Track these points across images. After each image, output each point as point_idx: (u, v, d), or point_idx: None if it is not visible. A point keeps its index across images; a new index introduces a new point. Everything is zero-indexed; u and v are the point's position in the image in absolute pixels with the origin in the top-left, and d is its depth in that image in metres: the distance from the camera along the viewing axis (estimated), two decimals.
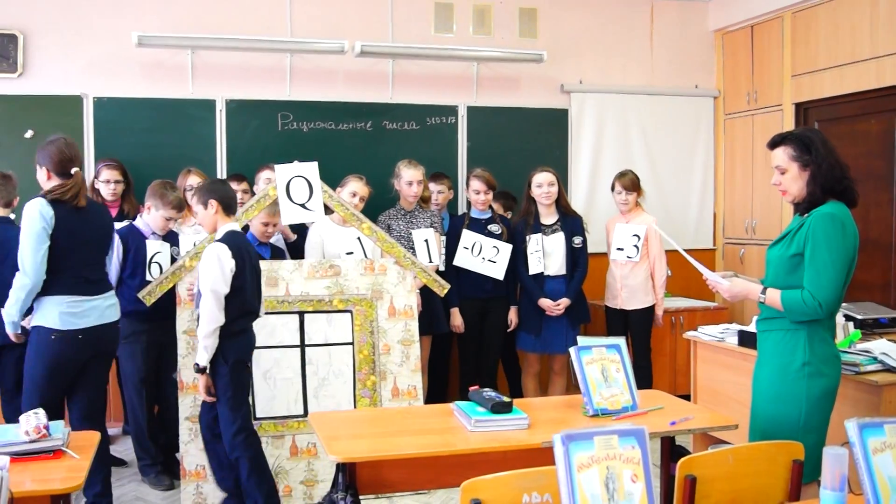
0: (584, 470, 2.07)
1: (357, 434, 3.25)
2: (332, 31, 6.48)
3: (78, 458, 2.95)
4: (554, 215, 5.69)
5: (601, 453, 2.10)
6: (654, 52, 7.33)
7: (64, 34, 6.10)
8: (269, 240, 5.18)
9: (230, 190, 4.34)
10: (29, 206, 3.97)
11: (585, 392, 3.40)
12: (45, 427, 2.99)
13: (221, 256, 4.00)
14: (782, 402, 3.23)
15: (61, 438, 3.02)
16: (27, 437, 2.96)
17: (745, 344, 4.40)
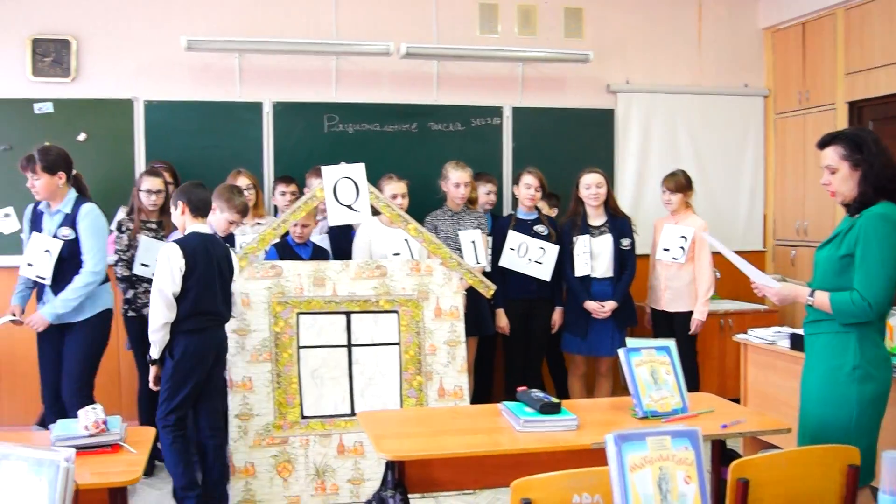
0: (636, 470, 2.05)
1: (405, 433, 3.26)
2: (378, 33, 6.49)
3: (135, 452, 3.01)
4: (602, 216, 5.66)
5: (654, 454, 2.08)
6: (703, 50, 7.25)
7: (115, 39, 6.19)
8: (304, 241, 5.19)
9: (202, 193, 4.45)
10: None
11: (635, 394, 3.38)
12: (104, 422, 3.06)
13: (171, 256, 4.18)
14: (832, 405, 3.18)
15: (119, 433, 3.08)
16: (86, 432, 3.02)
17: (797, 347, 4.35)
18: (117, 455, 3.00)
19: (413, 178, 5.62)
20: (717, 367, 6.53)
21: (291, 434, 4.57)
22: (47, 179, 4.66)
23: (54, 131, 5.98)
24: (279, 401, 4.58)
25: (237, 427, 4.52)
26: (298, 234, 5.07)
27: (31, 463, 2.13)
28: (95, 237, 4.72)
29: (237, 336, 4.59)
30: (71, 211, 4.75)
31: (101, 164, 5.97)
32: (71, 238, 4.70)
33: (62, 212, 4.76)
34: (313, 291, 4.71)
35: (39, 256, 4.70)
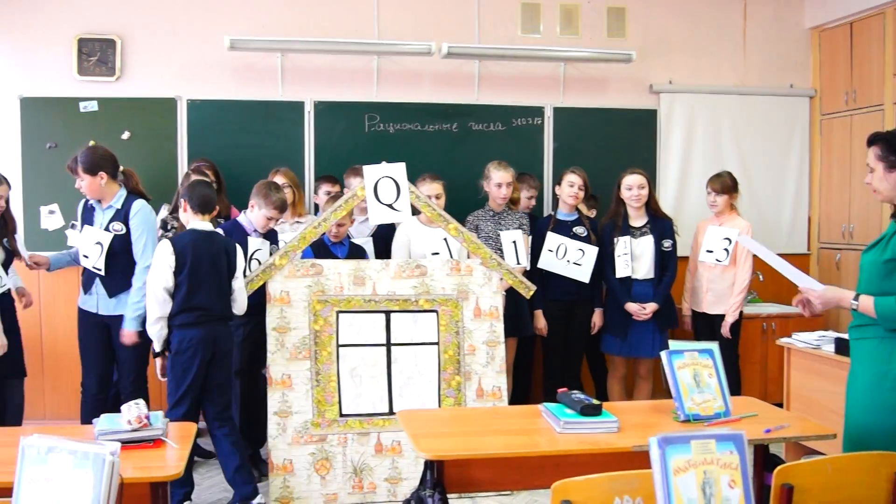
0: (680, 474, 2.02)
1: (445, 433, 3.25)
2: (419, 32, 6.51)
3: (177, 447, 3.03)
4: (643, 217, 5.61)
5: (698, 458, 2.05)
6: (748, 50, 7.17)
7: (159, 39, 6.27)
8: (339, 239, 5.17)
9: (204, 191, 4.56)
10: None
11: (677, 397, 3.34)
12: (147, 417, 3.09)
13: (162, 252, 4.36)
14: (878, 412, 3.11)
15: (161, 428, 3.11)
16: (129, 427, 3.05)
17: (843, 352, 4.28)
18: (159, 450, 3.02)
19: (453, 178, 5.62)
20: (760, 372, 6.45)
21: (330, 432, 4.58)
22: (90, 180, 4.76)
23: (99, 130, 6.07)
24: (318, 399, 4.59)
25: (276, 424, 4.54)
26: (334, 233, 5.07)
27: (77, 456, 2.16)
28: (147, 234, 4.81)
29: (277, 334, 4.61)
30: (122, 206, 4.85)
31: (144, 163, 5.98)
32: (122, 233, 4.80)
33: (113, 207, 4.86)
34: (353, 290, 4.72)
35: (92, 249, 4.81)
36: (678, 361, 3.40)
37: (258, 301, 4.69)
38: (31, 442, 2.19)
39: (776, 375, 6.27)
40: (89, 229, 4.87)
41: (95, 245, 4.80)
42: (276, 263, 4.66)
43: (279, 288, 4.65)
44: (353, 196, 4.80)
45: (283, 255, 4.65)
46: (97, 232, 4.82)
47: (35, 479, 2.18)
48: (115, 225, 4.80)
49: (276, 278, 4.66)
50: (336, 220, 4.86)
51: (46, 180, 5.97)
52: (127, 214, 4.82)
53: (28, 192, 6.01)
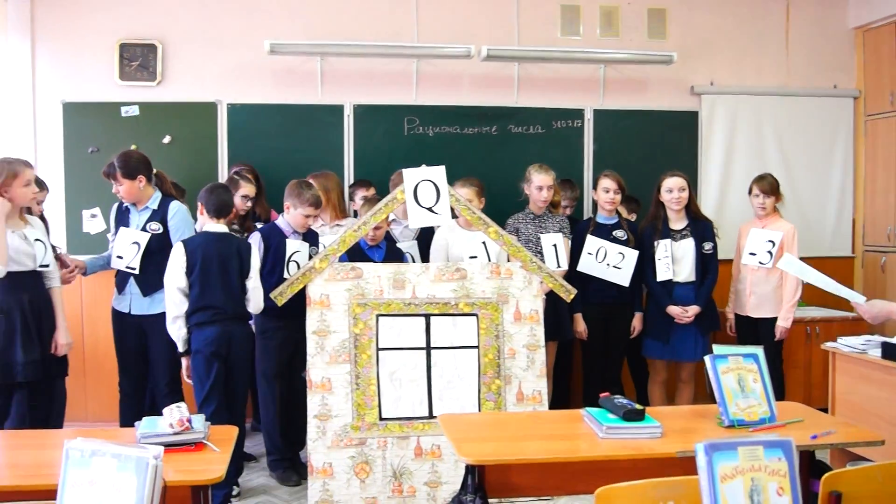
0: (727, 481, 1.99)
1: (486, 437, 3.22)
2: (459, 35, 6.49)
3: (218, 451, 3.03)
4: (683, 220, 5.56)
5: (746, 464, 2.02)
6: (790, 51, 7.08)
7: (200, 44, 6.31)
8: (376, 243, 5.16)
9: (220, 195, 4.76)
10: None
11: (721, 402, 3.29)
12: (188, 420, 3.09)
13: (175, 254, 4.61)
14: None
15: (202, 431, 3.11)
16: (171, 430, 3.05)
17: (890, 356, 4.20)
18: (201, 453, 3.02)
19: (493, 181, 5.60)
20: (803, 376, 6.36)
21: (369, 435, 4.57)
22: (129, 184, 4.90)
23: (140, 134, 6.14)
24: (358, 402, 4.59)
25: (316, 428, 4.54)
26: (372, 236, 5.07)
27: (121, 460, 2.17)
28: (188, 235, 4.91)
29: (317, 337, 4.61)
30: (158, 207, 4.98)
31: (184, 166, 6.07)
32: (159, 232, 4.93)
33: (149, 208, 4.99)
34: (393, 293, 4.71)
35: (127, 249, 4.93)
36: (722, 366, 3.35)
37: (295, 303, 4.69)
38: (74, 445, 2.20)
39: (820, 380, 6.18)
40: (125, 230, 4.98)
41: (132, 245, 4.92)
42: (315, 266, 4.66)
43: (319, 291, 4.65)
44: (392, 199, 4.79)
45: (322, 259, 4.66)
46: (134, 232, 4.94)
47: (79, 483, 2.19)
48: (153, 225, 4.94)
49: (315, 281, 4.66)
50: (375, 223, 4.85)
51: (88, 184, 6.02)
52: (164, 215, 4.96)
53: (70, 196, 6.09)
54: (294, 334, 4.97)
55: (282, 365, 5.09)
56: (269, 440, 5.19)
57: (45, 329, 4.57)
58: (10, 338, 4.38)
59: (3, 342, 4.36)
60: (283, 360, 5.09)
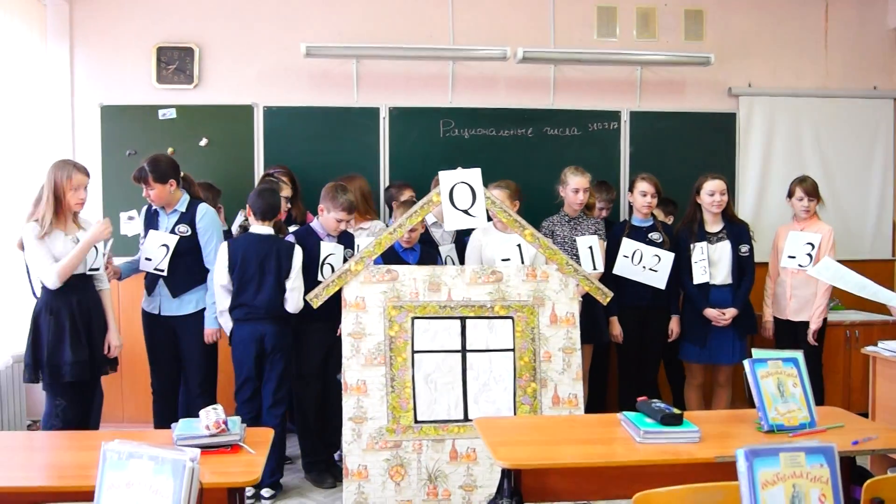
0: (768, 487, 1.96)
1: (522, 441, 3.21)
2: (494, 37, 6.49)
3: (254, 453, 3.03)
4: (720, 223, 5.52)
5: (787, 471, 1.99)
6: (829, 52, 7.01)
7: (236, 47, 6.36)
8: (411, 245, 5.17)
9: (267, 199, 4.97)
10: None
11: (760, 406, 3.25)
12: (224, 422, 3.10)
13: (220, 253, 4.90)
14: None
15: (238, 434, 3.12)
16: (208, 432, 3.07)
17: None
18: (237, 455, 3.03)
19: (528, 184, 5.59)
20: (843, 381, 6.29)
21: (405, 438, 4.57)
22: (160, 188, 4.96)
23: (177, 137, 6.20)
24: (393, 405, 4.58)
25: (351, 430, 4.54)
26: (406, 238, 5.07)
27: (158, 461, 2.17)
28: (217, 236, 5.03)
29: (352, 339, 4.61)
30: (186, 210, 5.04)
31: (221, 169, 6.11)
32: (188, 234, 5.00)
33: (178, 211, 5.05)
34: (428, 296, 4.70)
35: (156, 251, 5.01)
36: (762, 370, 3.31)
37: (329, 306, 4.70)
38: (112, 447, 2.21)
39: (860, 384, 6.12)
40: (154, 233, 5.04)
41: (160, 248, 4.99)
42: (351, 269, 4.66)
43: (355, 293, 4.66)
44: (428, 202, 4.79)
45: (358, 261, 4.66)
46: (162, 235, 5.01)
47: (116, 485, 2.20)
48: (181, 227, 5.00)
49: (351, 284, 4.66)
50: (411, 225, 4.85)
51: (126, 187, 5.99)
52: (193, 217, 5.02)
53: (108, 199, 6.14)
54: (328, 336, 5.02)
55: (316, 366, 5.11)
56: (304, 442, 5.22)
57: (95, 331, 4.63)
58: (59, 338, 4.44)
59: (51, 342, 4.42)
60: (318, 361, 5.11)
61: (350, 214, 5.09)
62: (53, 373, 4.43)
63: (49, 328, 4.43)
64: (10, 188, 5.56)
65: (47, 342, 4.42)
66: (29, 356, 4.45)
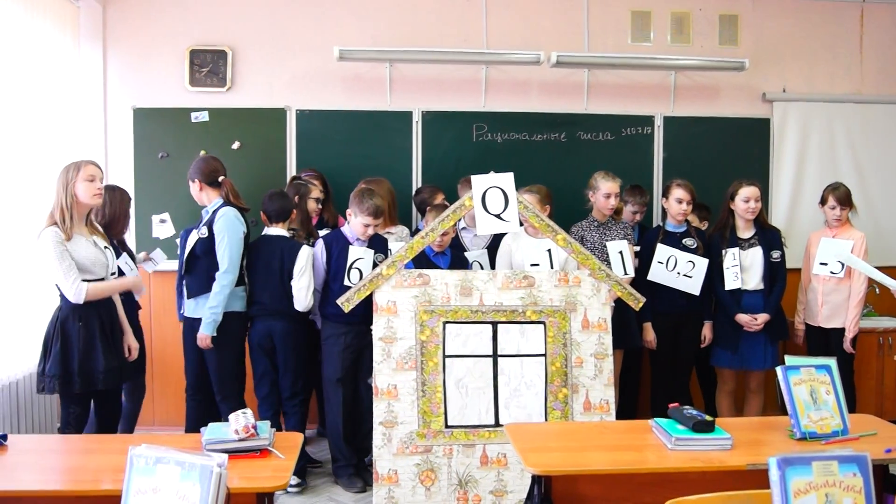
0: (801, 496, 1.95)
1: (553, 447, 3.21)
2: (528, 42, 6.50)
3: (283, 458, 3.03)
4: (752, 229, 5.50)
5: (819, 479, 1.98)
6: (864, 57, 6.94)
7: (269, 50, 6.39)
8: (442, 249, 5.18)
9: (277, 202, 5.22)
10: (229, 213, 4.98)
11: (793, 414, 3.23)
12: (254, 426, 3.11)
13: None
14: None
15: (268, 438, 3.12)
16: (237, 436, 3.07)
17: None
18: (266, 460, 3.03)
19: (561, 188, 5.57)
20: (875, 388, 6.24)
21: (435, 443, 4.57)
22: (190, 187, 5.08)
23: (210, 140, 6.24)
24: (424, 409, 4.59)
25: (381, 434, 4.54)
26: (438, 242, 5.08)
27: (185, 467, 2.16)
28: (227, 239, 4.96)
29: (383, 344, 4.62)
30: (211, 213, 5.03)
31: (254, 172, 6.14)
32: (205, 237, 4.98)
33: (207, 212, 5.07)
34: (460, 301, 4.70)
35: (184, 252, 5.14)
36: (794, 377, 3.29)
37: (358, 310, 4.71)
38: (139, 452, 2.21)
39: (893, 391, 6.08)
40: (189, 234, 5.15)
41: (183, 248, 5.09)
42: (383, 273, 4.67)
43: (386, 298, 4.66)
44: (460, 206, 4.79)
45: (390, 265, 4.67)
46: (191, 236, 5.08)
47: (143, 490, 2.19)
48: (202, 230, 5.00)
49: (383, 288, 4.67)
50: (443, 229, 4.86)
51: (158, 189, 6.14)
52: (212, 220, 4.99)
53: (140, 202, 6.14)
54: (357, 340, 5.05)
55: (346, 370, 5.13)
56: (334, 446, 5.24)
57: (118, 336, 4.59)
58: (91, 345, 4.35)
59: (83, 351, 4.32)
60: (348, 365, 5.14)
61: (377, 219, 5.10)
62: (87, 382, 4.33)
63: (79, 336, 4.31)
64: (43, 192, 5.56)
65: (79, 350, 4.31)
66: (57, 365, 4.28)
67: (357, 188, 5.21)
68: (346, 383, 5.16)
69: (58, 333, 4.31)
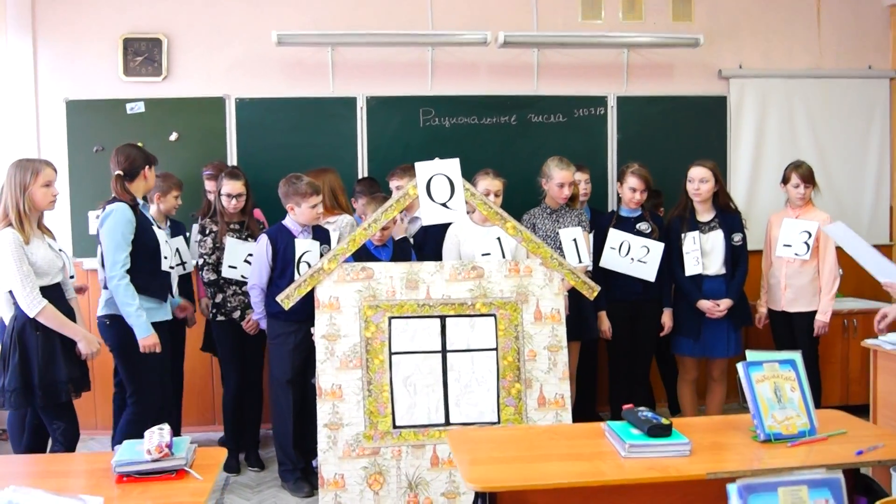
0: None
1: (499, 458, 2.96)
2: (475, 22, 6.30)
3: (201, 479, 2.77)
4: (711, 212, 5.30)
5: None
6: (822, 31, 6.78)
7: (206, 36, 6.16)
8: (383, 242, 4.96)
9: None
10: None
11: (756, 414, 3.01)
12: (168, 445, 2.83)
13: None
14: None
15: (184, 458, 2.85)
16: (149, 457, 2.80)
17: None
18: (182, 482, 2.77)
19: (513, 174, 5.35)
20: (840, 373, 6.13)
21: (383, 445, 4.36)
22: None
23: (146, 131, 6.00)
24: (370, 410, 4.37)
25: (326, 437, 4.33)
26: (378, 236, 4.84)
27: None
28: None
29: (326, 342, 4.39)
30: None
31: (193, 164, 5.89)
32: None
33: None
34: (406, 294, 4.48)
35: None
36: (757, 374, 3.08)
37: (306, 306, 4.49)
38: (5, 497, 1.93)
39: (858, 375, 5.95)
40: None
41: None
42: (324, 268, 4.44)
43: (328, 293, 4.44)
44: (404, 195, 4.55)
45: (331, 259, 4.43)
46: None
47: None
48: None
49: (324, 283, 4.44)
50: (386, 220, 4.61)
51: (94, 184, 5.85)
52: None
53: (75, 197, 5.93)
54: (307, 339, 4.78)
55: (295, 371, 4.89)
56: (280, 450, 5.02)
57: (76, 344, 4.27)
58: (51, 356, 4.08)
59: (43, 361, 4.05)
60: (297, 365, 4.90)
61: (319, 195, 4.87)
62: (49, 394, 4.05)
63: (38, 346, 4.04)
64: None
65: (38, 361, 4.03)
66: (16, 379, 4.00)
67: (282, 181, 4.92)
68: (295, 384, 4.92)
69: (15, 345, 4.04)
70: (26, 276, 3.97)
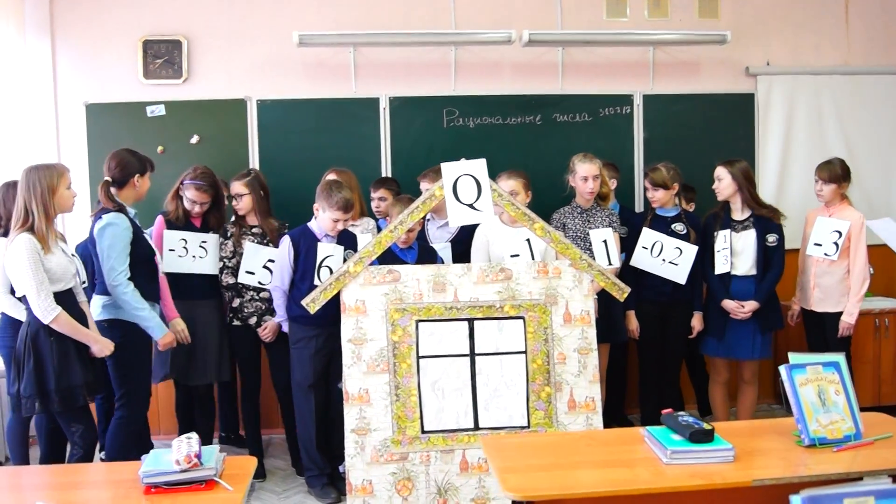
0: None
1: (535, 465, 2.89)
2: (498, 20, 6.24)
3: (231, 490, 2.71)
4: (746, 211, 5.18)
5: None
6: (851, 27, 6.68)
7: (227, 38, 6.12)
8: (408, 245, 4.88)
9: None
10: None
11: (800, 418, 2.93)
12: (197, 455, 2.76)
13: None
14: None
15: (214, 468, 2.79)
16: (178, 467, 2.74)
17: None
18: (211, 493, 2.71)
19: (537, 173, 5.30)
20: (872, 372, 6.03)
21: (411, 450, 4.29)
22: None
23: (167, 134, 5.98)
24: (398, 415, 4.30)
25: (354, 443, 4.26)
26: (403, 238, 4.76)
27: None
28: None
29: (353, 346, 4.32)
30: None
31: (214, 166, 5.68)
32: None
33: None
34: (433, 297, 4.41)
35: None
36: (800, 377, 2.99)
37: (329, 311, 4.41)
38: None
39: (891, 376, 5.84)
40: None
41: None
42: (350, 271, 4.37)
43: (354, 297, 4.37)
44: (430, 197, 4.48)
45: (357, 262, 4.37)
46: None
47: None
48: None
49: (350, 287, 4.38)
50: (412, 222, 4.54)
51: None
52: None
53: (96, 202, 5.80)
54: (329, 343, 4.72)
55: (317, 375, 4.83)
56: (306, 455, 4.95)
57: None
58: (67, 360, 4.03)
59: (58, 366, 4.00)
60: (319, 370, 4.83)
61: (347, 213, 4.77)
62: (65, 399, 4.01)
63: (52, 351, 3.99)
64: None
65: (54, 366, 3.98)
66: (32, 385, 3.97)
67: (323, 181, 4.90)
68: (317, 389, 4.85)
69: (29, 351, 4.00)
70: (41, 283, 3.92)
